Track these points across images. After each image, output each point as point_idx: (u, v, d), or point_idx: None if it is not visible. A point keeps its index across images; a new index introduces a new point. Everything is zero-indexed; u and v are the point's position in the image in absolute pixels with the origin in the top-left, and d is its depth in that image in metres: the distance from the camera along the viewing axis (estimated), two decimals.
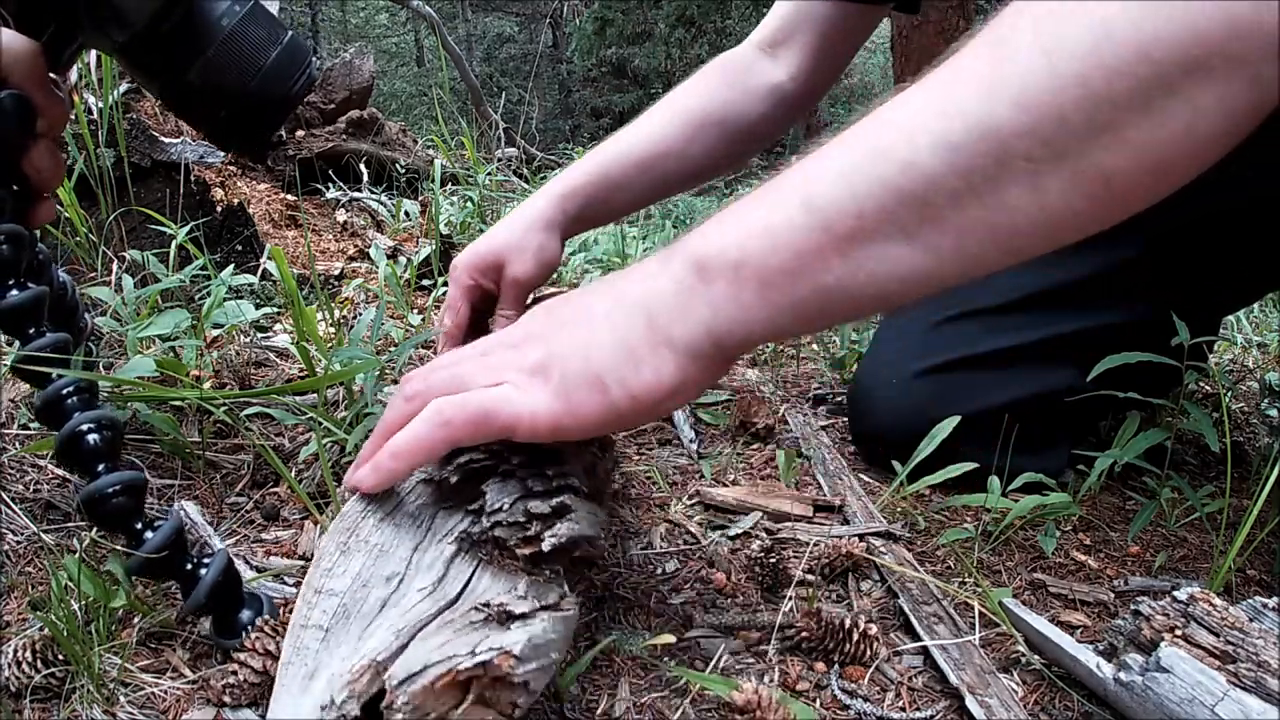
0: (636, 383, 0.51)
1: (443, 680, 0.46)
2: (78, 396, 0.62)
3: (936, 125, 0.45)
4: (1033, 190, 0.44)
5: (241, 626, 0.62)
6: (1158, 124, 0.41)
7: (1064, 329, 1.00)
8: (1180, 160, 0.43)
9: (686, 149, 0.96)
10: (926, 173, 0.45)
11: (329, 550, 0.55)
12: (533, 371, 0.54)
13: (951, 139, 0.44)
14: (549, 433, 0.54)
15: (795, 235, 0.48)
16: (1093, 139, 0.42)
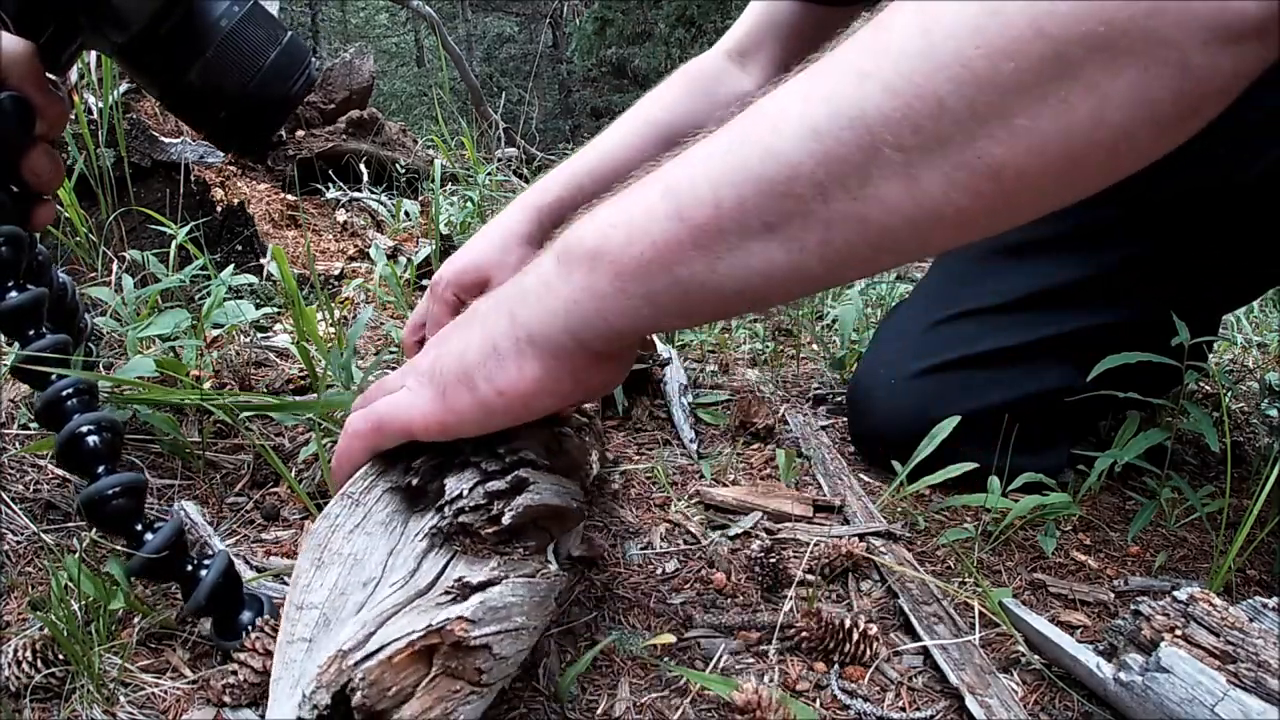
0: (502, 380, 0.51)
1: (401, 654, 0.47)
2: (77, 398, 0.62)
3: (802, 110, 0.40)
4: (906, 181, 0.39)
5: (242, 628, 0.62)
6: (1056, 112, 0.36)
7: (1062, 329, 1.00)
8: (1090, 154, 0.37)
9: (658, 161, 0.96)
10: (788, 161, 0.40)
11: (304, 568, 0.55)
12: (425, 375, 0.55)
13: (816, 125, 0.39)
14: (437, 431, 0.55)
15: (652, 224, 0.44)
16: (976, 127, 0.36)
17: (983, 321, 1.02)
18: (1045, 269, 1.01)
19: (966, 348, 1.01)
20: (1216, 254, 0.98)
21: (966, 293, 1.04)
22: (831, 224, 0.41)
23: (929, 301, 1.09)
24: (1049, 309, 1.01)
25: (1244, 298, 1.13)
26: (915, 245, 0.43)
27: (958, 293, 1.05)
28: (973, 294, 1.04)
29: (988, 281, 1.04)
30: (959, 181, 0.38)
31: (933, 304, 1.07)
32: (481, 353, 0.51)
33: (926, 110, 0.37)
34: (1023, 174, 0.37)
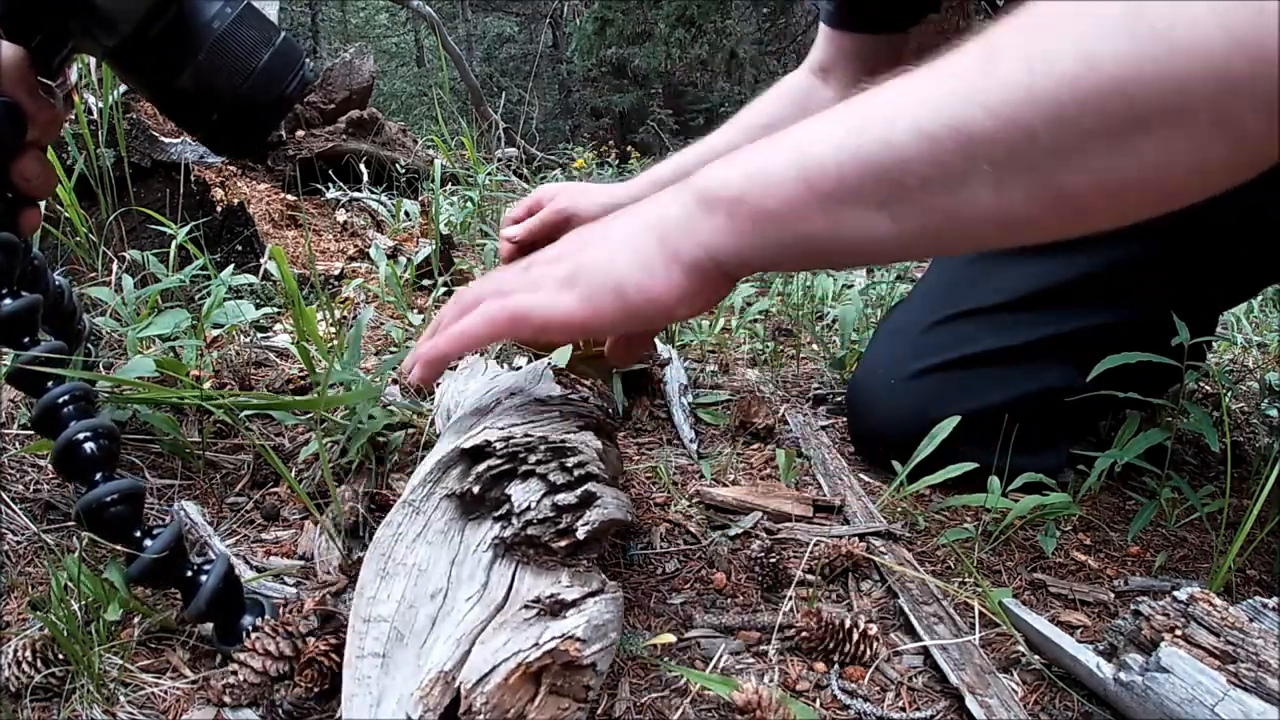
0: (652, 287, 0.57)
1: (515, 675, 0.47)
2: (74, 404, 0.62)
3: (916, 112, 0.47)
4: (995, 190, 0.45)
5: (243, 631, 0.62)
6: (1124, 157, 0.42)
7: (1062, 328, 1.00)
8: (1143, 196, 0.44)
9: None
10: (900, 154, 0.47)
11: (369, 579, 0.55)
12: (564, 282, 0.60)
13: (927, 128, 0.46)
14: (578, 330, 0.61)
15: (785, 185, 0.52)
16: (1057, 158, 0.43)
17: (982, 321, 1.02)
18: (1044, 268, 1.01)
19: (966, 347, 1.01)
20: (1216, 251, 0.98)
21: (965, 293, 1.04)
22: (930, 210, 0.48)
23: (928, 301, 1.09)
24: (1048, 308, 1.01)
25: (1242, 295, 1.13)
26: (996, 239, 0.50)
27: (957, 293, 1.06)
28: (972, 294, 1.04)
29: (987, 281, 1.04)
30: (1036, 198, 0.45)
31: (932, 304, 1.07)
32: (631, 265, 0.58)
33: (1021, 138, 0.43)
34: (1085, 200, 0.45)
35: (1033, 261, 1.02)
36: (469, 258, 1.94)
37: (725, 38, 10.69)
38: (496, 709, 0.46)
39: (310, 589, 0.74)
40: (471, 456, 0.63)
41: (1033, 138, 0.43)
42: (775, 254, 0.55)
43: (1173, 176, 0.43)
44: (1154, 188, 0.44)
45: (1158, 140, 0.41)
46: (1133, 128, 0.41)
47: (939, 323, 1.04)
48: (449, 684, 0.48)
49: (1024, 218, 0.46)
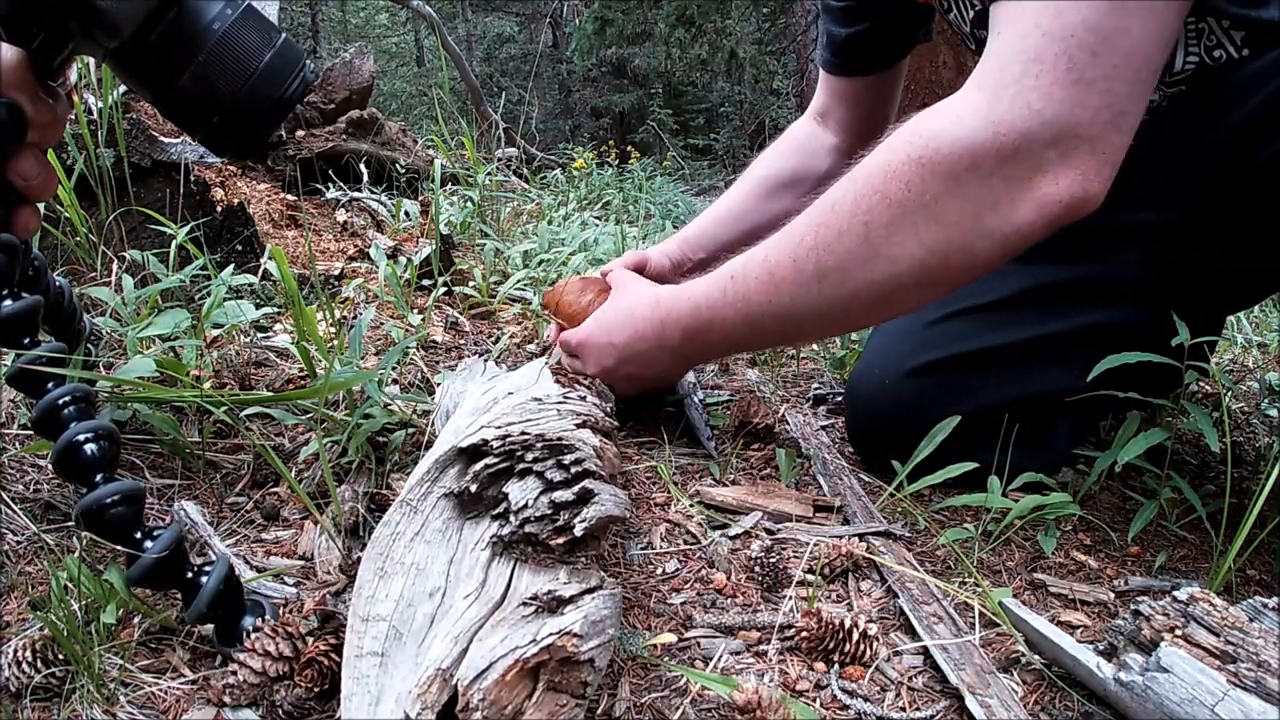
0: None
1: (512, 671, 0.47)
2: (74, 405, 0.62)
3: (762, 309, 0.88)
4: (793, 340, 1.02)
5: (244, 632, 0.62)
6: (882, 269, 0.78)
7: (1057, 327, 0.99)
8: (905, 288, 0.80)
9: (766, 208, 1.34)
10: (747, 331, 0.92)
11: (367, 578, 0.55)
12: (598, 367, 1.04)
13: (762, 314, 0.88)
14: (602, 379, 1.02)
15: (723, 347, 1.02)
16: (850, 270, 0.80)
17: (978, 319, 1.02)
18: (1042, 267, 1.01)
19: (962, 345, 1.01)
20: (1218, 253, 0.98)
21: (962, 291, 1.04)
22: (776, 341, 1.03)
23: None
24: (1046, 306, 1.01)
25: (1245, 301, 1.12)
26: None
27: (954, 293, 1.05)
28: (968, 292, 1.03)
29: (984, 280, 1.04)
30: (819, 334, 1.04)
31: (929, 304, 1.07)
32: (650, 376, 1.05)
33: (793, 320, 0.85)
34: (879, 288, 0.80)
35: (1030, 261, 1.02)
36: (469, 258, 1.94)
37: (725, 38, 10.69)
38: (494, 705, 0.46)
39: (310, 589, 0.74)
40: (469, 455, 0.63)
41: (829, 308, 0.83)
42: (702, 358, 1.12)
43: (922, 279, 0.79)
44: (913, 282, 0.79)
45: (900, 296, 0.81)
46: (881, 297, 0.80)
47: (936, 321, 1.04)
48: (447, 681, 0.48)
49: (851, 329, 0.99)
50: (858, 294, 0.80)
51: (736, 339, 0.93)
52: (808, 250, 0.81)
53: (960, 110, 0.72)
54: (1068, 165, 0.69)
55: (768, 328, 0.88)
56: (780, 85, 11.86)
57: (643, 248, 1.42)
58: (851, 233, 0.77)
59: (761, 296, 0.86)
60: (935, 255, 0.75)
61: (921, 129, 0.74)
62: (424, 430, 0.95)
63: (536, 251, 1.90)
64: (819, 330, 0.89)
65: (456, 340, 1.41)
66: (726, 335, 0.92)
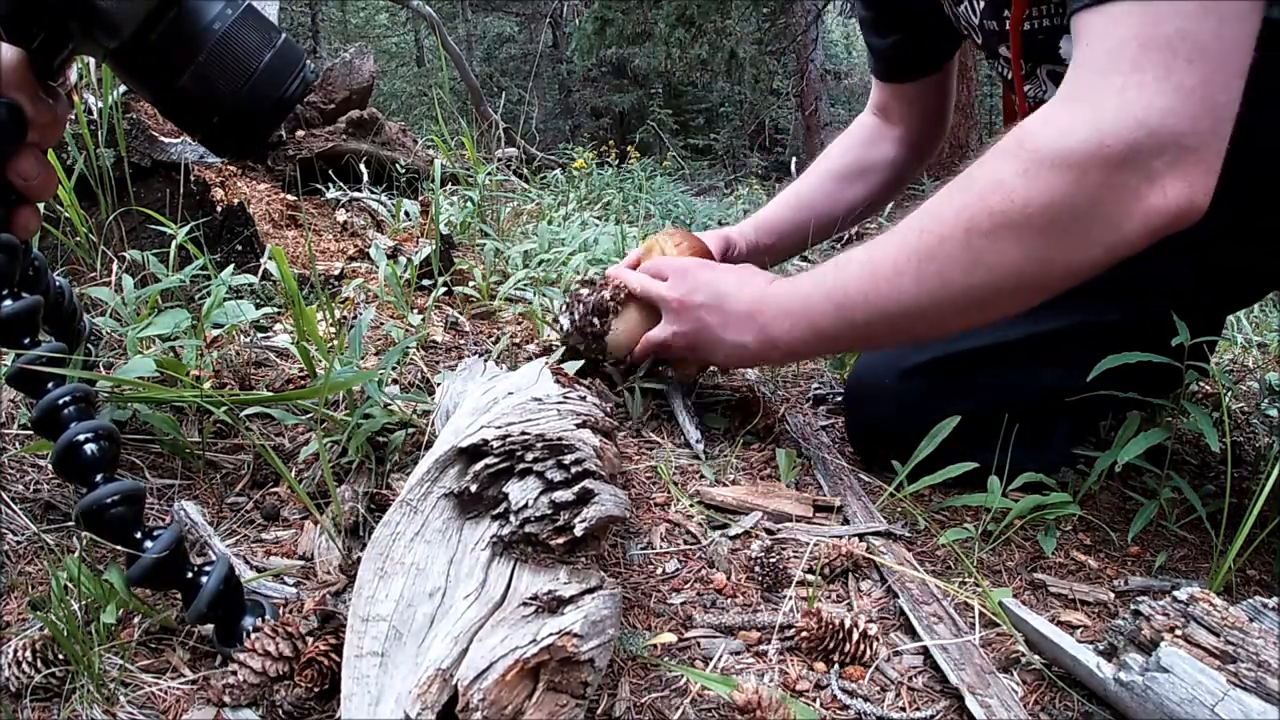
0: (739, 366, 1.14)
1: (512, 671, 0.47)
2: (74, 405, 0.62)
3: (865, 309, 0.89)
4: (887, 339, 0.97)
5: (244, 633, 0.62)
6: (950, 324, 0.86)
7: (1057, 325, 0.99)
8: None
9: (836, 195, 1.39)
10: (853, 331, 0.92)
11: (367, 578, 0.55)
12: (684, 328, 1.06)
13: (861, 318, 0.89)
14: (679, 352, 1.09)
15: (808, 344, 0.97)
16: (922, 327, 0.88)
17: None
18: None
19: (961, 343, 1.01)
20: (1219, 254, 0.97)
21: None
22: (872, 344, 1.02)
23: None
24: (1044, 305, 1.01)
25: (1245, 300, 1.12)
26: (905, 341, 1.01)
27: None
28: None
29: None
30: (915, 338, 0.97)
31: None
32: (729, 358, 1.05)
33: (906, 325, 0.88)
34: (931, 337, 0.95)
35: None
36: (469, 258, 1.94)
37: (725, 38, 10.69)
38: (494, 705, 0.46)
39: (310, 589, 0.74)
40: (469, 455, 0.63)
41: (921, 313, 0.84)
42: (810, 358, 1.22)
43: None
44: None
45: (995, 304, 0.82)
46: (976, 304, 0.81)
47: None
48: (447, 681, 0.48)
49: (937, 335, 0.94)
50: (955, 299, 0.81)
51: (825, 329, 0.92)
52: (909, 253, 0.82)
53: (1065, 122, 0.72)
54: (1175, 175, 0.69)
55: (857, 322, 0.88)
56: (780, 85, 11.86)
57: None
58: (953, 239, 0.78)
59: (859, 291, 0.87)
60: (1037, 264, 0.76)
61: (1027, 142, 0.74)
62: (424, 430, 0.95)
63: (536, 251, 1.90)
64: (910, 330, 0.88)
65: (456, 340, 1.41)
66: (814, 324, 0.92)
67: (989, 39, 1.04)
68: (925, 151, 1.40)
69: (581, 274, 1.73)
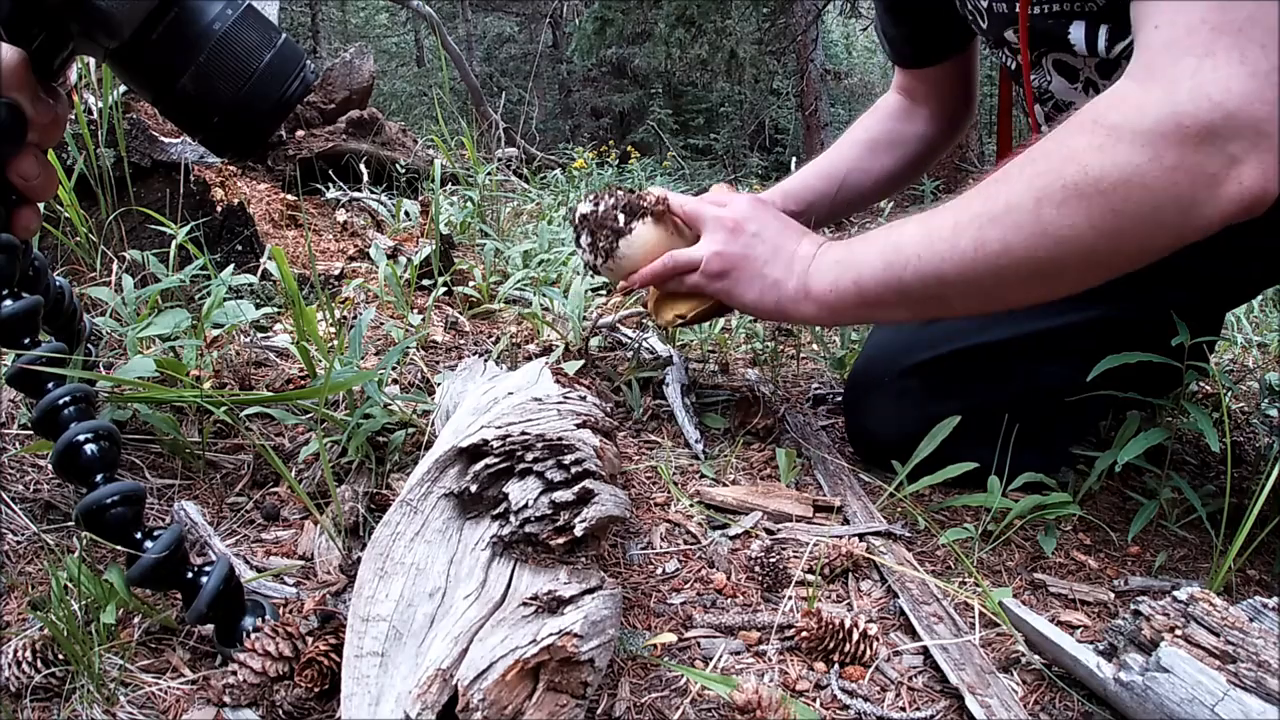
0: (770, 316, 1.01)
1: (512, 671, 0.47)
2: (74, 406, 0.62)
3: (917, 265, 0.83)
4: (961, 305, 0.86)
5: (244, 633, 0.62)
6: (1031, 293, 0.82)
7: (1059, 322, 0.99)
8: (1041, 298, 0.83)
9: (866, 165, 1.35)
10: (909, 287, 0.85)
11: (367, 578, 0.55)
12: (720, 269, 1.02)
13: (920, 276, 0.84)
14: (715, 294, 1.03)
15: (849, 298, 0.90)
16: (994, 291, 0.82)
17: (976, 317, 1.02)
18: None
19: (960, 342, 1.01)
20: (1218, 248, 0.97)
21: None
22: (927, 309, 0.89)
23: None
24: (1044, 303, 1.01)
25: (1246, 294, 1.11)
26: (966, 314, 0.94)
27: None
28: None
29: None
30: (985, 306, 0.87)
31: None
32: (762, 308, 0.99)
33: (973, 285, 0.82)
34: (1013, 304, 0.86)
35: None
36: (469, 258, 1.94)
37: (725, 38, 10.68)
38: (494, 705, 0.46)
39: (310, 589, 0.74)
40: (469, 455, 0.63)
41: (975, 280, 0.80)
42: (840, 324, 1.13)
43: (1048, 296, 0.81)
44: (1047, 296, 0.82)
45: (1053, 280, 0.79)
46: (1035, 277, 0.78)
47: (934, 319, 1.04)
48: (447, 681, 0.48)
49: (985, 311, 0.91)
50: (1014, 268, 0.78)
51: (868, 286, 0.88)
52: (971, 216, 0.79)
53: (1140, 101, 0.71)
54: (1251, 160, 0.68)
55: (905, 282, 0.84)
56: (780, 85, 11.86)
57: None
58: (1021, 208, 0.76)
59: (912, 250, 0.83)
60: (1106, 240, 0.74)
61: (1102, 118, 0.73)
62: (424, 430, 0.95)
63: (536, 251, 1.90)
64: (955, 298, 0.83)
65: (456, 340, 1.41)
66: (859, 279, 0.88)
67: (995, 22, 1.03)
68: (955, 128, 1.38)
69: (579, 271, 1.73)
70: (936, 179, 4.25)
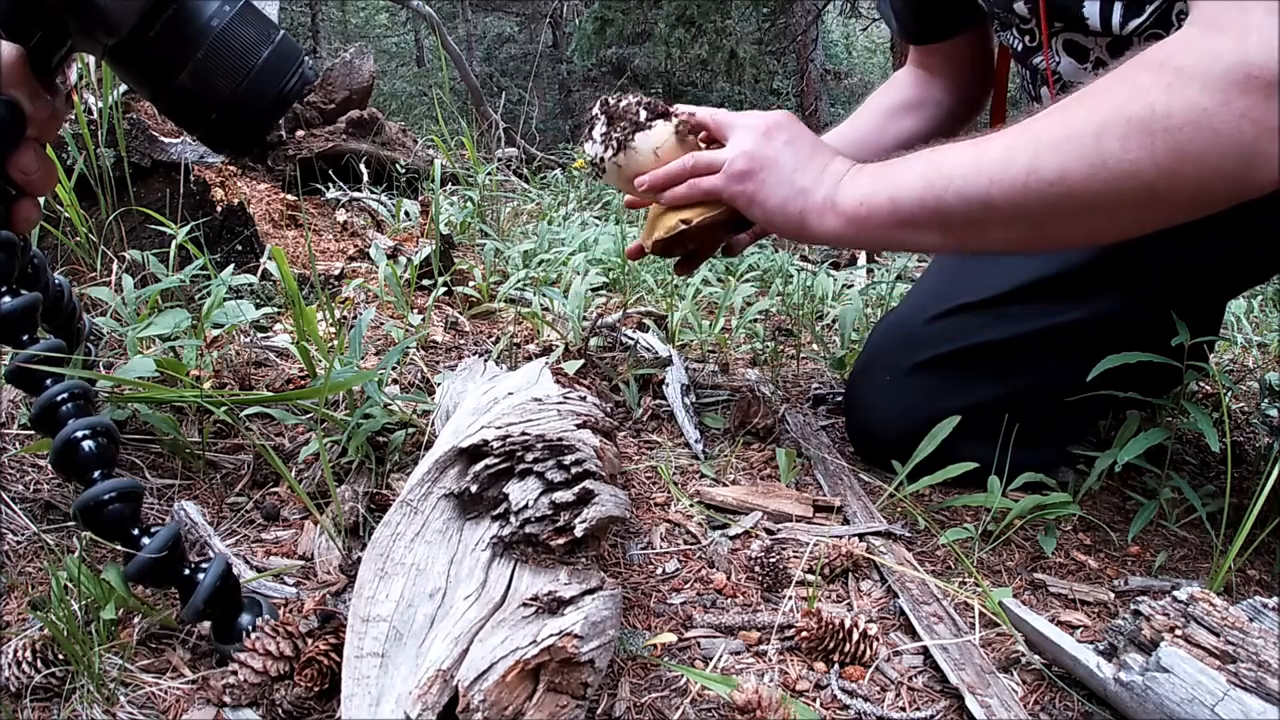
0: (790, 230, 0.93)
1: (512, 672, 0.47)
2: (72, 403, 0.62)
3: (959, 185, 0.79)
4: (1003, 233, 0.80)
5: (241, 630, 0.62)
6: (1086, 227, 0.77)
7: (1059, 320, 0.99)
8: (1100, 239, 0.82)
9: (889, 129, 1.33)
10: (948, 209, 0.80)
11: (367, 579, 0.55)
12: (742, 176, 0.95)
13: (962, 197, 0.79)
14: (737, 205, 0.96)
15: (881, 212, 0.85)
16: (1047, 221, 0.77)
17: (979, 315, 1.02)
18: (1041, 259, 1.01)
19: (962, 340, 1.01)
20: (1221, 232, 0.96)
21: (963, 286, 1.04)
22: (963, 237, 0.83)
23: (925, 298, 1.09)
24: (1046, 300, 1.00)
25: (1249, 280, 1.10)
26: (1002, 252, 0.99)
27: (954, 287, 1.05)
28: (969, 287, 1.03)
29: (985, 274, 1.04)
30: (1032, 242, 0.83)
31: (929, 299, 1.07)
32: (785, 217, 0.92)
33: (1020, 212, 0.77)
34: (1063, 244, 0.90)
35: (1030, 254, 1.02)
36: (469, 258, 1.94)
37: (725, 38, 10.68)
38: (494, 706, 0.47)
39: (310, 589, 0.74)
40: (469, 455, 0.63)
41: (1022, 208, 0.76)
42: (864, 246, 1.04)
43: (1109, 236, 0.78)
44: (1105, 237, 0.79)
45: (1104, 218, 0.75)
46: (1085, 212, 0.74)
47: (936, 317, 1.04)
48: (447, 682, 0.48)
49: (1024, 247, 0.87)
50: (1070, 198, 0.74)
51: (904, 205, 0.83)
52: (1027, 142, 0.76)
53: (1207, 47, 0.70)
54: None
55: (945, 204, 0.80)
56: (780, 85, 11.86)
57: None
58: (1082, 137, 0.74)
59: (957, 172, 0.79)
60: (1167, 180, 0.72)
61: (1169, 61, 0.71)
62: (424, 430, 0.95)
63: (536, 251, 1.90)
64: (1001, 227, 0.79)
65: (456, 340, 1.41)
66: (894, 196, 0.83)
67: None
68: (972, 105, 1.36)
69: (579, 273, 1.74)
70: None
